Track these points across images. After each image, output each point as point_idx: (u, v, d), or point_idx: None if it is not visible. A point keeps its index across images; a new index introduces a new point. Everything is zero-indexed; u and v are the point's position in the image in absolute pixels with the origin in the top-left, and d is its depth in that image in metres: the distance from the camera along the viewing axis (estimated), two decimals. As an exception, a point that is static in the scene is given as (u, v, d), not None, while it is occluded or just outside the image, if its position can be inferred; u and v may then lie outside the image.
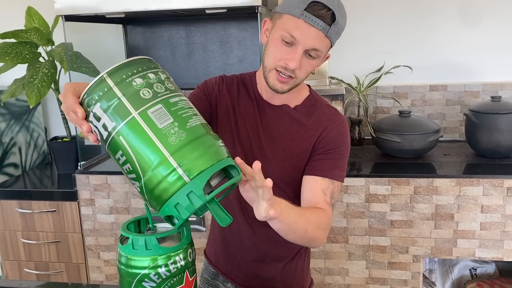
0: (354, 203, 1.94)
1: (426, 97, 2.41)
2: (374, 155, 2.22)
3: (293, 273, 1.23)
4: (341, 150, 1.10)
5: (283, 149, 1.12)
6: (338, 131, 1.11)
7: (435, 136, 2.08)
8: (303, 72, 1.05)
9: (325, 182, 1.08)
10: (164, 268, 0.84)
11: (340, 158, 1.10)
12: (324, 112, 1.14)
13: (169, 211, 0.79)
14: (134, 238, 0.85)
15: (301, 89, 1.15)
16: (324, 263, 2.02)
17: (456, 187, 1.86)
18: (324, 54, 1.06)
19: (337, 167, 1.09)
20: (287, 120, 1.13)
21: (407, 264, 1.97)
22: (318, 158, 1.09)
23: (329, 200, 1.07)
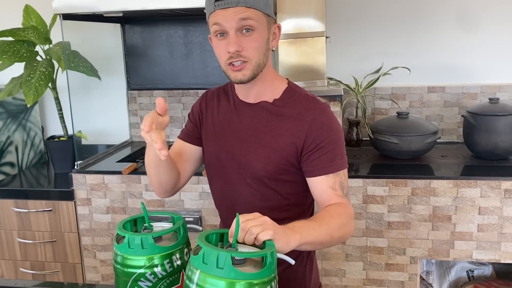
0: (352, 204, 1.94)
1: (424, 98, 2.41)
2: (372, 156, 2.21)
3: (293, 279, 1.20)
4: (331, 139, 1.07)
5: (264, 146, 1.10)
6: (321, 121, 1.07)
7: (433, 137, 2.08)
8: (252, 51, 1.03)
9: (330, 178, 1.06)
10: (160, 267, 0.84)
11: (335, 147, 1.07)
12: (302, 102, 1.10)
13: None
14: (130, 237, 0.84)
15: (278, 83, 1.14)
16: (321, 264, 2.02)
17: (454, 189, 1.86)
18: (259, 22, 1.04)
19: (336, 157, 1.07)
20: (266, 115, 1.12)
21: (404, 266, 1.96)
22: (314, 157, 1.07)
23: (340, 193, 1.06)
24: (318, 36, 2.04)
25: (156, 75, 2.61)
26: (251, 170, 1.10)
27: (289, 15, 2.03)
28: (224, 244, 0.81)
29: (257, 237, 0.79)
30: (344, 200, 1.06)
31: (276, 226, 0.84)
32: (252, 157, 1.10)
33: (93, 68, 2.38)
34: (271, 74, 1.12)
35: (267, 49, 1.07)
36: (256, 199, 1.13)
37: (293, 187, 1.12)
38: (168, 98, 2.60)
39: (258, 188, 1.12)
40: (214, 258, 0.69)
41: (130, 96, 2.64)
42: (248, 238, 0.79)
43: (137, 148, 2.52)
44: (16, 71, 2.25)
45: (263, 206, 1.11)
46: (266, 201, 1.12)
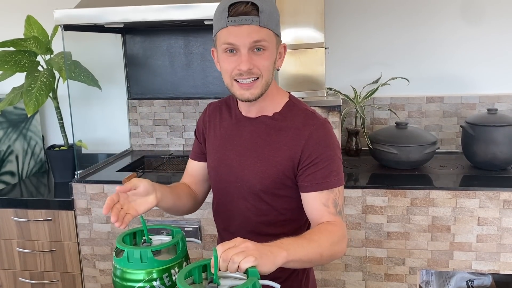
0: (351, 214, 1.94)
1: (423, 108, 2.42)
2: (371, 166, 2.22)
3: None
4: (327, 156, 1.06)
5: (262, 161, 1.10)
6: (318, 136, 1.07)
7: (431, 148, 2.09)
8: (263, 69, 1.04)
9: (323, 194, 1.05)
10: (159, 281, 0.84)
11: (330, 163, 1.06)
12: (300, 116, 1.10)
13: None
14: (129, 251, 0.85)
15: (279, 97, 1.14)
16: (321, 274, 2.01)
17: (453, 199, 1.87)
18: (271, 43, 1.04)
19: (331, 174, 1.06)
20: (264, 130, 1.12)
21: (404, 276, 1.96)
22: (309, 173, 1.06)
23: (333, 210, 1.05)
24: (317, 47, 2.06)
25: (157, 84, 2.62)
26: (248, 184, 1.11)
27: (288, 26, 2.05)
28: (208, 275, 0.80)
29: (239, 266, 0.77)
30: (336, 218, 1.05)
31: (259, 249, 0.83)
32: (250, 171, 1.11)
33: (94, 78, 2.39)
34: (273, 90, 1.12)
35: (274, 69, 1.08)
36: (252, 214, 1.13)
37: (289, 203, 1.11)
38: (169, 107, 2.62)
39: (254, 202, 1.12)
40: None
41: (131, 106, 2.65)
42: (231, 267, 0.78)
43: (137, 157, 2.53)
44: (17, 81, 2.26)
45: (258, 221, 1.12)
46: (262, 216, 1.13)
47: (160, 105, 2.62)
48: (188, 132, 2.63)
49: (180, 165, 2.54)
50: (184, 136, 2.64)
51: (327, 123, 1.10)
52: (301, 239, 0.95)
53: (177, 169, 2.51)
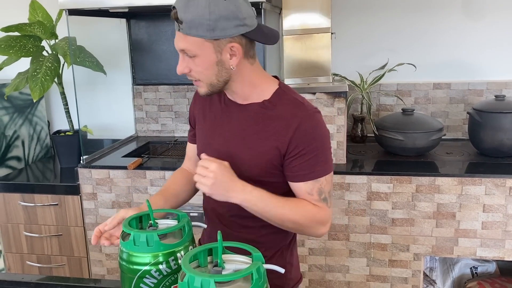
0: (355, 200, 1.94)
1: (429, 95, 2.40)
2: (376, 152, 2.21)
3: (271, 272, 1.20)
4: (314, 147, 1.06)
5: (250, 148, 1.10)
6: (305, 128, 1.06)
7: (438, 134, 2.07)
8: (197, 72, 1.05)
9: (308, 184, 1.08)
10: (165, 264, 0.85)
11: (317, 155, 1.07)
12: (289, 106, 1.09)
13: None
14: (135, 235, 0.85)
15: (267, 85, 1.12)
16: (325, 260, 2.02)
17: (458, 186, 1.86)
18: (199, 49, 1.01)
19: (317, 165, 1.07)
20: (253, 117, 1.11)
21: (408, 262, 1.97)
22: (295, 164, 1.07)
23: (317, 198, 1.08)
24: (323, 32, 2.04)
25: (162, 70, 2.61)
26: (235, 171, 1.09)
27: (294, 11, 2.03)
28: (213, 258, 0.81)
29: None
30: (320, 204, 1.08)
31: (217, 177, 0.99)
32: (237, 158, 1.10)
33: (99, 63, 2.38)
34: (254, 79, 1.10)
35: (220, 70, 1.05)
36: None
37: (276, 188, 1.11)
38: (173, 93, 2.61)
39: None
40: (198, 284, 0.68)
41: (136, 91, 2.64)
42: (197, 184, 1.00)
43: (143, 143, 2.54)
44: (23, 66, 2.26)
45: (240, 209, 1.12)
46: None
47: (165, 91, 2.62)
48: (193, 118, 2.62)
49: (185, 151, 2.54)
50: (189, 122, 2.64)
51: (316, 114, 1.09)
52: (272, 197, 1.04)
53: (182, 155, 2.51)
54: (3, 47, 2.11)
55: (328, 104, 1.98)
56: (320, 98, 1.98)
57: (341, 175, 1.94)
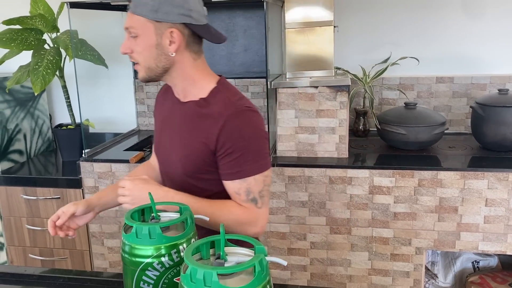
0: (357, 194, 1.94)
1: (432, 89, 2.39)
2: (378, 147, 2.21)
3: None
4: (241, 146, 1.06)
5: (184, 145, 1.12)
6: (231, 126, 1.06)
7: (440, 128, 2.06)
8: (135, 54, 1.09)
9: (236, 183, 1.08)
10: (168, 257, 0.85)
11: (244, 154, 1.06)
12: (220, 104, 1.09)
13: None
14: (138, 227, 0.85)
15: (206, 81, 1.13)
16: (327, 253, 2.03)
17: (461, 180, 1.86)
18: (142, 29, 1.06)
19: (244, 164, 1.07)
20: (190, 115, 1.13)
21: (410, 256, 1.97)
22: (223, 162, 1.08)
23: (244, 198, 1.09)
24: (326, 25, 2.03)
25: (163, 63, 2.60)
26: (174, 166, 1.14)
27: (296, 4, 2.01)
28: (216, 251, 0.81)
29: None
30: (247, 204, 1.08)
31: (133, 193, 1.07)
32: (176, 155, 1.14)
33: (100, 56, 2.38)
34: (195, 75, 1.12)
35: (160, 54, 1.07)
36: None
37: (215, 185, 1.13)
38: (175, 87, 2.60)
39: (182, 185, 1.15)
40: (200, 276, 0.68)
41: (137, 85, 2.64)
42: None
43: (144, 137, 2.53)
44: (24, 59, 2.26)
45: None
46: None
47: (167, 85, 2.61)
48: (195, 112, 2.62)
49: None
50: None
51: (246, 112, 1.08)
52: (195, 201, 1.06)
53: (184, 149, 2.51)
54: (5, 40, 2.11)
55: (330, 98, 1.97)
56: (322, 92, 1.97)
57: (343, 169, 1.93)
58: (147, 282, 0.85)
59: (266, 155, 1.10)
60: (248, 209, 1.09)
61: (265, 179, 1.10)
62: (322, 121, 1.99)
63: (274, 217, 2.03)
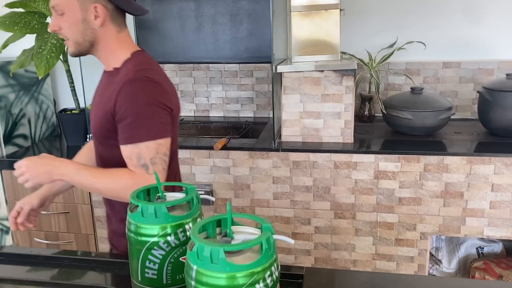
0: (362, 179, 1.93)
1: (438, 74, 2.37)
2: (384, 132, 2.19)
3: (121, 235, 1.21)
4: (134, 112, 1.11)
5: (96, 114, 1.21)
6: (125, 92, 1.12)
7: (447, 113, 2.05)
8: (63, 31, 1.16)
9: (128, 148, 1.13)
10: (174, 236, 0.84)
11: (136, 119, 1.11)
12: (123, 72, 1.16)
13: None
14: (143, 206, 0.84)
15: (122, 52, 1.19)
16: (331, 238, 2.03)
17: (467, 165, 1.84)
18: (67, 6, 1.14)
19: (137, 130, 1.12)
20: (104, 84, 1.23)
21: (414, 241, 1.97)
22: (119, 127, 1.14)
23: (136, 162, 1.13)
24: (332, 8, 2.00)
25: (167, 48, 2.59)
26: (93, 134, 1.25)
27: (302, -13, 1.99)
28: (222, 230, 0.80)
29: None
30: (137, 170, 1.13)
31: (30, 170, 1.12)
32: (93, 122, 1.23)
33: (104, 40, 2.36)
34: (116, 47, 1.19)
35: (86, 29, 1.16)
36: (99, 162, 1.27)
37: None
38: (179, 72, 2.59)
39: (99, 153, 1.25)
40: (207, 253, 0.68)
41: (141, 70, 2.62)
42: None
43: (148, 122, 2.53)
44: (28, 43, 2.24)
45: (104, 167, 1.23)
46: (105, 164, 1.23)
47: (171, 70, 2.59)
48: (199, 98, 2.61)
49: (191, 130, 2.54)
50: (195, 102, 2.62)
51: (144, 80, 1.13)
52: (89, 169, 1.14)
53: (188, 134, 2.50)
54: (8, 23, 2.09)
55: (336, 82, 1.95)
56: (328, 76, 1.95)
57: (348, 154, 1.92)
58: (153, 261, 0.85)
59: (161, 124, 1.14)
60: (138, 174, 1.13)
61: (159, 147, 1.14)
62: (328, 106, 1.98)
63: (279, 202, 2.03)
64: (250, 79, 2.52)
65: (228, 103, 2.58)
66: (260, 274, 0.69)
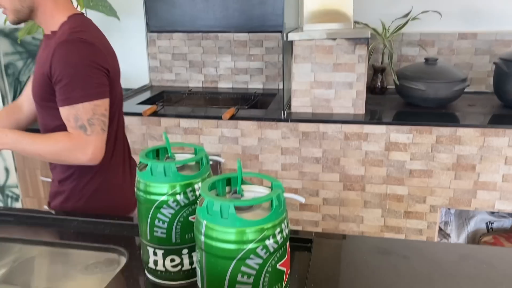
0: (373, 151, 1.91)
1: (454, 45, 2.30)
2: (396, 104, 2.15)
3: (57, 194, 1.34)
4: (68, 73, 1.12)
5: (34, 77, 1.20)
6: (59, 54, 1.12)
7: (461, 85, 2.00)
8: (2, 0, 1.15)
9: (65, 110, 1.14)
10: (183, 195, 0.83)
11: (71, 81, 1.12)
12: (58, 35, 1.16)
13: None
14: (153, 165, 0.83)
15: (59, 16, 1.19)
16: (339, 210, 2.02)
17: (480, 138, 1.81)
18: None
19: (73, 91, 1.12)
20: (43, 47, 1.22)
21: (424, 214, 1.95)
22: (56, 89, 1.14)
23: (73, 124, 1.14)
24: (346, -26, 1.94)
25: (176, 17, 2.54)
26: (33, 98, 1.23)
27: (316, -48, 1.92)
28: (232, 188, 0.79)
29: None
30: (75, 131, 1.14)
31: None
32: (33, 86, 1.23)
33: (112, 8, 2.32)
34: (54, 11, 1.19)
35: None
36: (42, 127, 1.27)
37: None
38: (188, 41, 2.55)
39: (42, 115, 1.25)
40: (217, 208, 0.67)
41: (150, 39, 2.59)
42: None
43: (157, 92, 2.51)
44: (35, 9, 2.21)
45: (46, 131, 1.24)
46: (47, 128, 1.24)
47: (180, 39, 2.55)
48: (208, 68, 2.57)
49: (199, 100, 2.51)
50: (203, 72, 2.59)
51: (77, 42, 1.13)
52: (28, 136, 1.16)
53: (196, 105, 2.48)
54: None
55: (348, 51, 1.91)
56: (341, 45, 1.90)
57: (359, 124, 1.89)
58: (162, 220, 0.84)
59: (96, 85, 1.15)
60: (77, 136, 1.15)
61: (96, 108, 1.15)
62: (339, 75, 1.94)
63: (287, 173, 2.02)
64: (259, 49, 2.47)
65: (237, 74, 2.55)
66: (270, 230, 0.68)
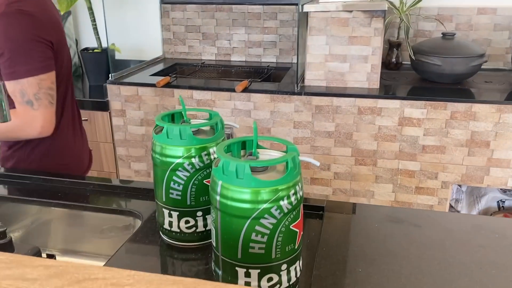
0: (386, 126, 1.90)
1: (472, 21, 2.25)
2: (411, 79, 2.13)
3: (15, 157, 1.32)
4: (9, 48, 1.09)
5: None
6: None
7: (478, 60, 1.96)
8: None
9: (11, 85, 1.12)
10: (198, 158, 0.84)
11: (14, 55, 1.09)
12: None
13: None
14: (169, 128, 0.84)
15: None
16: (350, 184, 2.02)
17: (496, 114, 1.79)
18: None
19: (16, 66, 1.10)
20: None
21: (435, 190, 1.95)
22: (0, 63, 1.11)
23: (20, 99, 1.13)
24: None
25: (190, -12, 2.52)
26: None
27: None
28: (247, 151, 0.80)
29: None
30: (22, 106, 1.13)
31: None
32: None
33: (126, -22, 2.31)
34: None
35: None
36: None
37: None
38: (201, 13, 2.53)
39: None
40: (233, 169, 0.68)
41: (163, 10, 2.57)
42: None
43: (170, 64, 2.50)
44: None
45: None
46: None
47: (193, 10, 2.53)
48: (221, 41, 2.56)
49: (212, 73, 2.51)
50: (216, 45, 2.58)
51: (15, 14, 1.09)
52: None
53: (209, 77, 2.48)
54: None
55: (364, 24, 1.88)
56: (357, 17, 1.88)
57: (373, 99, 1.88)
58: (177, 182, 0.85)
59: (40, 59, 1.13)
60: (24, 112, 1.14)
61: (41, 82, 1.14)
62: (355, 48, 1.92)
63: (299, 147, 2.02)
64: (274, 22, 2.45)
65: (251, 47, 2.53)
66: (284, 191, 0.69)
